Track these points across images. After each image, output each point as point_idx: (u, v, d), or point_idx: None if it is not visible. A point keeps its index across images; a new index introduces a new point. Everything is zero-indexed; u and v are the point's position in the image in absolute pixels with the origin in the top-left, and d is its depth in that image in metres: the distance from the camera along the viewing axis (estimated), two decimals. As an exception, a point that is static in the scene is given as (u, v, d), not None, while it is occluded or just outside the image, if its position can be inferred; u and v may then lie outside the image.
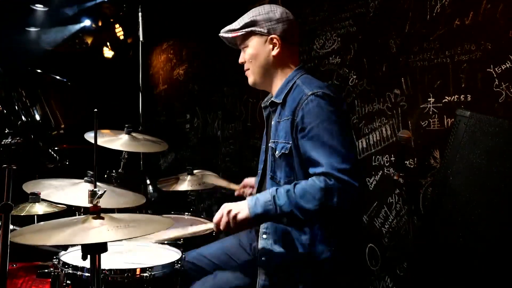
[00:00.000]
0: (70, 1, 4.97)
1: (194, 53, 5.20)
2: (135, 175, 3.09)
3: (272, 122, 1.90)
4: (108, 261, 1.76)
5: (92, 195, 1.37)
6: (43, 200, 2.16)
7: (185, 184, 3.04)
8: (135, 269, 1.66)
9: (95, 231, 1.31)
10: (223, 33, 1.96)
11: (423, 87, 2.52)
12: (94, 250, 1.35)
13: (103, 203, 2.25)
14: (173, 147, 5.71)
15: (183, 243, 2.20)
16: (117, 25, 5.42)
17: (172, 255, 1.90)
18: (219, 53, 4.61)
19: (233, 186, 2.50)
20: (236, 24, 1.92)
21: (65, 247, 1.80)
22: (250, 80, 1.97)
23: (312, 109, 1.70)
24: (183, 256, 1.86)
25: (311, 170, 1.68)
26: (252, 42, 1.89)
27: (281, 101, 1.84)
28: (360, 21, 2.93)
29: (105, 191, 1.39)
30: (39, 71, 4.37)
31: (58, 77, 4.41)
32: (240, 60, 1.96)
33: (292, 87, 1.84)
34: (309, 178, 1.66)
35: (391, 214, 2.72)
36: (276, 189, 1.66)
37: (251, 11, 1.93)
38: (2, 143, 1.15)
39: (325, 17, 3.20)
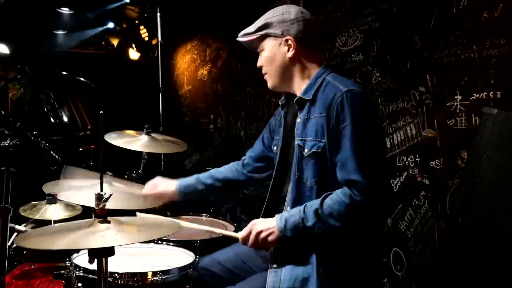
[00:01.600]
0: (95, 4, 5.03)
1: (217, 53, 5.18)
2: (155, 176, 3.07)
3: (298, 120, 1.82)
4: (119, 264, 1.74)
5: (98, 198, 1.35)
6: (60, 201, 2.17)
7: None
8: (145, 273, 1.63)
9: (101, 235, 1.28)
10: (239, 38, 1.93)
11: (450, 84, 2.40)
12: (100, 254, 1.32)
13: (119, 205, 2.27)
14: (197, 148, 5.72)
15: (198, 247, 2.16)
16: (141, 27, 5.46)
17: (186, 258, 1.86)
18: (242, 53, 4.57)
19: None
20: (251, 28, 1.88)
21: (77, 249, 1.79)
22: (269, 84, 1.91)
23: (347, 106, 1.64)
24: (197, 260, 1.82)
25: (338, 175, 1.65)
26: (267, 45, 1.84)
27: (310, 97, 1.77)
28: (384, 16, 2.83)
29: (111, 195, 1.36)
30: (64, 73, 4.44)
31: (82, 79, 4.47)
32: (258, 64, 1.91)
33: (321, 83, 1.77)
34: (335, 192, 1.64)
35: (417, 218, 2.61)
36: (304, 209, 1.65)
37: (266, 13, 1.89)
38: (1, 145, 1.14)
39: (347, 13, 3.11)
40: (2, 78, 5.28)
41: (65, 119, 5.14)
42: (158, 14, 3.35)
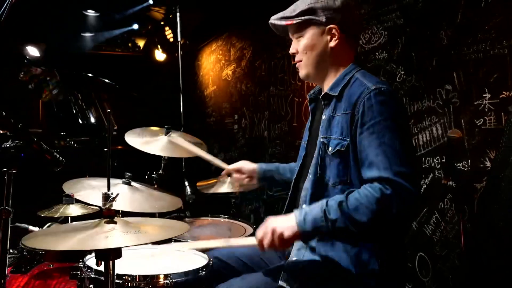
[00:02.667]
0: (120, 6, 5.09)
1: (241, 52, 5.16)
2: (176, 177, 3.06)
3: (324, 117, 1.74)
4: (131, 266, 1.72)
5: (106, 198, 1.33)
6: (77, 201, 2.18)
7: (224, 186, 2.97)
8: (157, 276, 1.60)
9: (105, 236, 1.25)
10: (275, 20, 1.80)
11: (478, 82, 2.29)
12: (106, 256, 1.30)
13: (138, 207, 2.27)
14: (222, 148, 5.71)
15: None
16: (166, 28, 5.49)
17: (199, 260, 1.82)
18: (265, 53, 4.53)
19: (220, 163, 2.43)
20: (290, 11, 1.76)
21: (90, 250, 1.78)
22: (302, 73, 1.80)
23: (375, 104, 1.56)
24: (210, 262, 1.78)
25: (366, 173, 1.54)
26: (308, 32, 1.73)
27: (337, 93, 1.69)
28: (408, 12, 2.72)
29: (117, 194, 1.34)
30: (90, 75, 4.51)
31: (106, 80, 4.52)
32: (292, 50, 1.80)
33: (350, 80, 1.69)
34: (363, 186, 1.52)
35: (443, 221, 2.50)
36: (327, 202, 1.52)
37: None
38: (2, 146, 1.14)
39: (371, 10, 3.02)
40: (34, 80, 5.42)
41: (92, 120, 5.22)
42: (178, 14, 3.34)
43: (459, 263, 2.37)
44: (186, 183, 2.98)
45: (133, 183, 2.38)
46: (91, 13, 5.11)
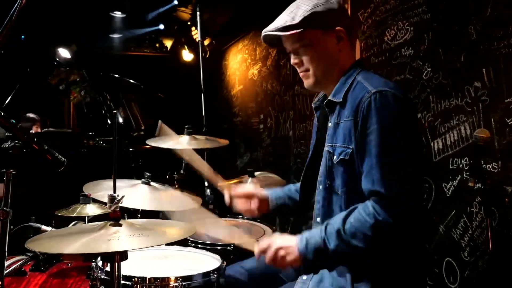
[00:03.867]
0: (147, 7, 5.14)
1: (267, 51, 5.12)
2: (197, 177, 3.05)
3: (330, 124, 1.67)
4: (142, 267, 1.71)
5: (111, 200, 1.31)
6: (94, 200, 2.19)
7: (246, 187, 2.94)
8: (166, 278, 1.58)
9: (112, 239, 1.24)
10: (273, 32, 1.66)
11: (509, 79, 2.16)
12: (111, 258, 1.28)
13: (156, 206, 2.26)
14: (248, 148, 5.69)
15: (232, 251, 2.09)
16: (193, 28, 5.51)
17: (212, 263, 1.79)
18: (290, 51, 4.47)
19: (220, 182, 2.17)
20: (289, 19, 1.64)
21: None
22: (310, 83, 1.69)
23: (374, 110, 1.47)
24: (223, 265, 1.74)
25: (363, 185, 1.49)
26: (314, 38, 1.63)
27: (340, 100, 1.61)
28: (435, 6, 2.61)
29: (123, 196, 1.32)
30: (116, 75, 4.57)
31: (132, 81, 4.58)
32: (295, 61, 1.70)
33: (352, 83, 1.61)
34: (358, 208, 1.48)
35: (472, 226, 2.37)
36: (326, 228, 1.51)
37: (300, 2, 1.67)
38: (2, 147, 1.14)
39: (396, 5, 2.91)
40: (64, 82, 5.56)
41: (120, 120, 5.30)
42: (198, 13, 3.33)
43: (488, 269, 2.25)
44: (206, 184, 2.97)
45: (152, 183, 2.38)
46: (118, 14, 5.19)
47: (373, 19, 3.11)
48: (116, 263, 1.31)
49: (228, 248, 2.18)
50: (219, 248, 2.14)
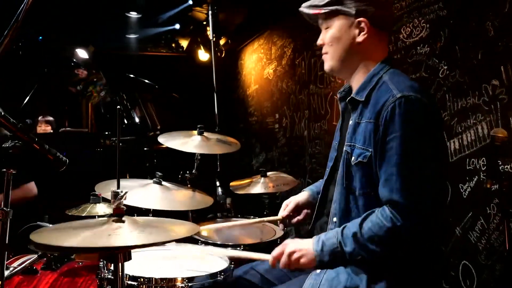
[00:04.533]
0: (162, 7, 5.16)
1: (282, 50, 5.08)
2: (209, 177, 3.04)
3: (350, 122, 1.63)
4: (149, 267, 1.70)
5: (114, 196, 1.30)
6: (104, 200, 2.19)
7: (258, 187, 2.92)
8: (172, 279, 1.56)
9: (113, 234, 1.22)
10: (304, 8, 1.70)
11: (528, 76, 2.09)
12: (113, 257, 1.27)
13: (168, 206, 2.26)
14: (263, 147, 5.67)
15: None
16: (208, 28, 5.51)
17: (221, 264, 1.77)
18: (305, 50, 4.43)
19: (272, 218, 2.15)
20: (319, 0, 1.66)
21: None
22: (327, 66, 1.70)
23: (398, 116, 1.42)
24: (230, 267, 1.72)
25: (381, 191, 1.45)
26: (335, 23, 1.61)
27: (363, 99, 1.57)
28: (451, 3, 2.54)
29: (126, 192, 1.31)
30: (131, 75, 4.60)
31: (146, 81, 4.60)
32: (319, 42, 1.70)
33: (377, 82, 1.56)
34: (375, 212, 1.45)
35: (489, 228, 2.31)
36: (342, 231, 1.48)
37: None
38: (2, 146, 1.14)
39: (412, 2, 2.85)
40: (82, 82, 5.63)
41: (137, 119, 5.34)
42: (210, 12, 3.31)
43: (505, 273, 2.18)
44: (218, 184, 2.95)
45: (164, 183, 2.38)
46: (133, 14, 5.22)
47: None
48: (120, 263, 1.29)
49: (238, 249, 2.16)
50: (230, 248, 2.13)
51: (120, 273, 1.31)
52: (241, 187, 2.95)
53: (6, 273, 1.89)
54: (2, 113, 1.08)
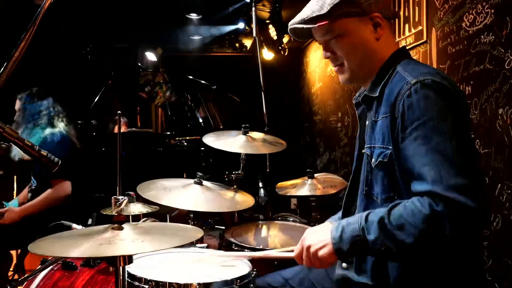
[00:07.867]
0: (222, 7, 5.19)
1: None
2: (255, 177, 2.98)
3: (367, 122, 1.51)
4: (162, 272, 1.66)
5: (115, 202, 1.29)
6: (138, 200, 2.21)
7: (304, 189, 2.80)
8: (187, 285, 1.51)
9: (108, 242, 1.20)
10: (299, 24, 1.49)
11: None
12: (113, 261, 1.26)
13: (208, 207, 2.23)
14: (327, 147, 5.49)
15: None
16: (270, 26, 5.46)
17: (242, 270, 1.69)
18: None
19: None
20: (316, 9, 1.45)
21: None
22: (345, 77, 1.52)
23: (417, 102, 1.27)
24: (252, 274, 1.64)
25: (414, 187, 1.27)
26: (347, 28, 1.45)
27: (377, 94, 1.43)
28: (519, -17, 2.24)
29: (124, 199, 1.28)
30: (190, 77, 4.68)
31: (203, 81, 4.64)
32: (327, 55, 1.53)
33: (391, 75, 1.42)
34: (411, 199, 1.26)
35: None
36: (366, 217, 1.29)
37: None
38: None
39: (475, -15, 2.56)
40: (150, 84, 5.84)
41: (200, 120, 5.43)
42: (253, 9, 3.23)
43: None
44: (260, 185, 2.88)
45: (204, 183, 2.37)
46: (193, 16, 5.31)
47: (450, 3, 2.78)
48: (120, 267, 1.27)
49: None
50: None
51: (121, 277, 1.29)
52: (285, 188, 2.85)
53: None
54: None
